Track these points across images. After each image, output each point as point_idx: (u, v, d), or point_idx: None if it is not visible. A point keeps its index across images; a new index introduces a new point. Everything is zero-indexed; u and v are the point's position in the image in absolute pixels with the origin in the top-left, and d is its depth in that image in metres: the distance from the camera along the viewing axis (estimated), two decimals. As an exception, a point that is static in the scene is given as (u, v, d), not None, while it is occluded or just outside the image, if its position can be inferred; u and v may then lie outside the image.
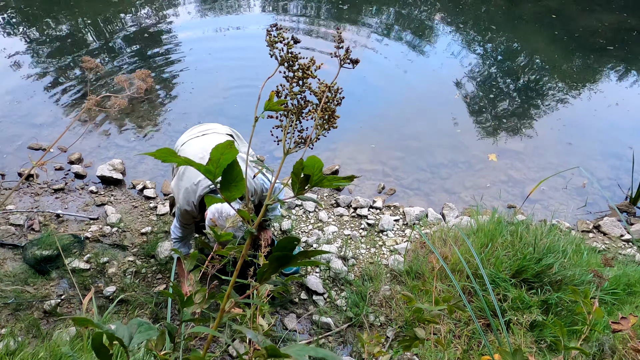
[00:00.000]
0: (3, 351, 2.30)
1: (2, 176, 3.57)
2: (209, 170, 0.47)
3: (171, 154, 0.47)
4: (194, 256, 1.07)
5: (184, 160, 0.47)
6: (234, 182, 0.47)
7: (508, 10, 6.83)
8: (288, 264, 0.50)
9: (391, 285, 2.78)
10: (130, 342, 0.39)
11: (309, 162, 0.46)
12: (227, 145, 0.45)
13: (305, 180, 0.47)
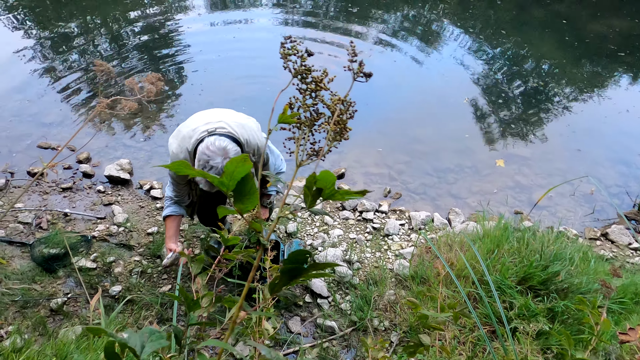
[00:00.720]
0: (10, 348, 2.32)
1: (12, 174, 3.61)
2: (222, 183, 0.48)
3: (186, 166, 0.47)
4: (200, 260, 1.07)
5: (198, 173, 0.48)
6: (247, 195, 0.48)
7: (517, 15, 6.81)
8: (300, 277, 0.50)
9: (396, 290, 2.77)
10: (142, 351, 0.40)
11: (322, 176, 0.46)
12: (241, 159, 0.46)
13: (318, 194, 0.47)
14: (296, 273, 0.49)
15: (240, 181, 0.47)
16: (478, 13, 6.86)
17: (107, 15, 6.39)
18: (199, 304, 0.93)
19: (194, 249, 3.02)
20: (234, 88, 4.79)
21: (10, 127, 4.10)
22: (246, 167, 0.47)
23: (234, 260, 1.11)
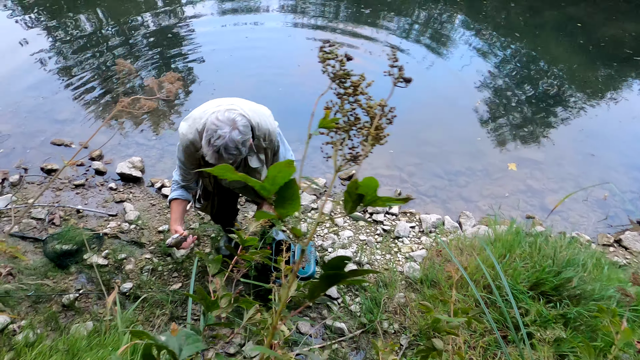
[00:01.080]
0: (22, 343, 2.34)
1: (25, 170, 3.64)
2: (264, 187, 0.48)
3: (229, 170, 0.47)
4: (217, 260, 1.07)
5: (241, 177, 0.48)
6: (289, 200, 0.48)
7: (530, 18, 6.75)
8: (340, 282, 0.50)
9: (406, 293, 2.76)
10: (181, 354, 0.40)
11: (366, 182, 0.46)
12: (286, 164, 0.45)
13: (359, 200, 0.47)
14: (336, 279, 0.48)
15: (283, 186, 0.47)
16: (491, 15, 6.81)
17: (119, 16, 6.44)
18: (217, 304, 0.93)
19: (204, 247, 3.03)
20: (246, 87, 4.80)
21: (25, 124, 4.14)
22: (290, 171, 0.47)
23: (251, 261, 1.11)
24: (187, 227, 3.17)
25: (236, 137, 1.72)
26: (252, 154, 2.03)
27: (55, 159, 3.78)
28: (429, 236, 3.21)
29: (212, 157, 1.74)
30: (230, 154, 1.72)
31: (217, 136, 1.69)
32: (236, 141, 1.72)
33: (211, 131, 1.72)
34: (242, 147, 1.77)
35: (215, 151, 1.71)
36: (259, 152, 2.06)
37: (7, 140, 3.92)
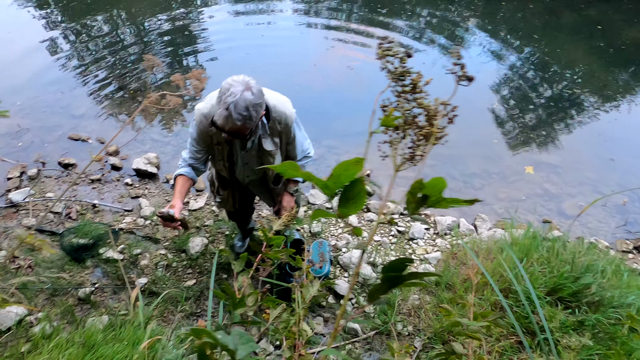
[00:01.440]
0: (40, 334, 2.37)
1: (43, 164, 3.69)
2: (326, 186, 0.47)
3: (294, 168, 0.46)
4: (243, 258, 1.07)
5: (306, 175, 0.47)
6: (352, 200, 0.47)
7: (549, 20, 6.66)
8: (399, 284, 0.49)
9: (420, 295, 2.74)
10: (237, 353, 0.39)
11: (433, 182, 0.45)
12: (354, 162, 0.44)
13: (423, 201, 0.46)
14: (396, 281, 0.47)
15: (349, 184, 0.46)
16: (508, 17, 6.73)
17: (134, 15, 6.49)
18: (244, 303, 0.93)
19: (218, 244, 3.04)
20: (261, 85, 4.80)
21: (44, 118, 4.20)
22: (356, 169, 0.46)
23: (276, 259, 1.10)
24: (202, 225, 3.18)
25: (248, 96, 1.65)
26: (266, 135, 1.97)
27: (73, 153, 3.82)
28: (444, 238, 3.18)
29: (221, 116, 1.65)
30: (240, 114, 1.63)
31: (229, 93, 1.64)
32: (248, 101, 1.64)
33: (224, 89, 1.67)
34: (252, 110, 1.67)
35: (225, 108, 1.63)
36: (274, 135, 2.00)
37: (26, 134, 3.97)
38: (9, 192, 3.35)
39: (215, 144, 2.01)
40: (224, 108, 1.64)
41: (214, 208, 3.32)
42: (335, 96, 4.83)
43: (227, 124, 1.67)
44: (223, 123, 1.67)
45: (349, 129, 4.32)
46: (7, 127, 3.97)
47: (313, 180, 0.48)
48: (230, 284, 0.93)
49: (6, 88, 4.60)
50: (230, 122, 1.66)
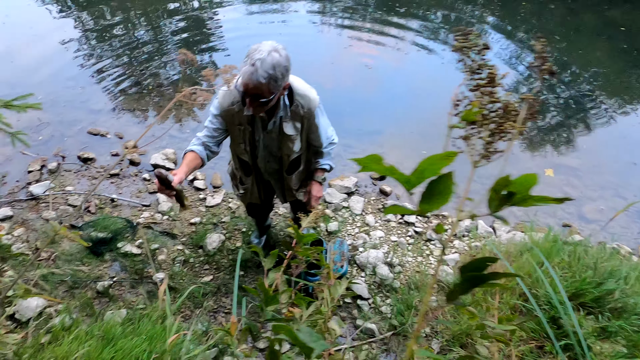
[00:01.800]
0: (59, 326, 2.39)
1: (63, 158, 3.73)
2: (408, 180, 0.46)
3: (374, 161, 0.45)
4: (274, 255, 1.06)
5: (389, 169, 0.46)
6: (438, 195, 0.45)
7: (570, 21, 6.55)
8: (481, 285, 0.48)
9: (438, 297, 2.71)
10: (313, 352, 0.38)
11: (522, 179, 0.43)
12: (443, 156, 0.43)
13: (507, 198, 0.44)
14: (477, 281, 0.46)
15: (436, 179, 0.45)
16: (529, 17, 6.64)
17: (150, 14, 6.54)
18: (277, 300, 0.92)
19: (235, 241, 3.04)
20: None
21: (63, 113, 4.24)
22: (444, 164, 0.45)
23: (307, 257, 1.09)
24: (219, 221, 3.18)
25: (276, 57, 1.61)
26: (287, 119, 1.92)
27: (92, 148, 3.85)
28: (462, 240, 3.14)
29: (246, 72, 1.59)
30: (266, 72, 1.58)
31: (256, 52, 1.61)
32: (275, 60, 1.60)
33: (251, 50, 1.64)
34: (278, 71, 1.62)
35: (251, 64, 1.58)
36: (295, 119, 1.94)
37: (47, 128, 4.02)
38: (30, 184, 3.39)
39: (237, 124, 1.95)
40: (250, 64, 1.58)
41: (231, 205, 3.33)
42: (352, 95, 4.81)
43: (252, 81, 1.59)
44: (247, 80, 1.60)
45: (365, 127, 4.30)
46: (28, 121, 4.02)
47: (395, 175, 0.47)
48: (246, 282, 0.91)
49: (28, 83, 4.67)
50: (255, 79, 1.58)
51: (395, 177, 0.47)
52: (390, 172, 0.46)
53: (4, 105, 1.12)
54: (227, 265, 2.87)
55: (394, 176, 0.47)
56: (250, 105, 1.70)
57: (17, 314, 2.48)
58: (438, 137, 4.26)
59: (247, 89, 1.64)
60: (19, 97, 1.15)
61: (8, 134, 1.14)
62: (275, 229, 3.12)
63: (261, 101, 1.68)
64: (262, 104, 1.71)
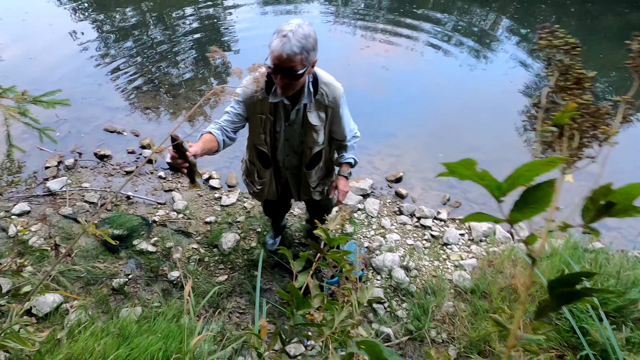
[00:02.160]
0: (75, 323, 2.40)
1: (80, 155, 3.75)
2: (499, 187, 0.43)
3: (466, 165, 0.43)
4: (303, 257, 1.04)
5: (481, 174, 0.43)
6: (533, 204, 0.43)
7: (592, 24, 6.45)
8: (572, 301, 0.45)
9: (455, 302, 2.66)
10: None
11: (627, 189, 0.40)
12: (546, 162, 0.40)
13: (606, 208, 0.42)
14: (570, 297, 0.43)
15: (535, 186, 0.42)
16: (548, 20, 6.55)
17: (165, 15, 6.58)
18: (309, 304, 0.89)
19: (250, 241, 3.03)
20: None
21: (81, 109, 4.27)
22: (544, 169, 0.43)
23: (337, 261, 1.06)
24: (234, 220, 3.18)
25: (306, 29, 1.61)
26: (312, 108, 1.90)
27: (108, 145, 3.87)
28: (479, 245, 3.09)
29: (277, 44, 1.58)
30: (298, 41, 1.57)
31: (285, 25, 1.61)
32: (306, 32, 1.60)
33: (279, 28, 1.63)
34: (309, 43, 1.61)
35: (282, 36, 1.57)
36: (320, 108, 1.92)
37: (64, 125, 4.05)
38: (47, 180, 3.42)
39: (259, 113, 1.92)
40: (281, 36, 1.57)
41: (246, 204, 3.32)
42: (368, 96, 4.78)
43: (285, 51, 1.57)
44: (280, 50, 1.57)
45: (381, 129, 4.27)
46: (46, 117, 4.05)
47: (485, 181, 0.44)
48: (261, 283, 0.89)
49: (46, 79, 4.71)
50: (288, 49, 1.56)
51: (485, 183, 0.44)
52: (481, 178, 0.43)
53: (33, 100, 1.12)
54: (242, 265, 2.86)
55: (484, 182, 0.44)
56: (282, 81, 1.67)
57: (34, 309, 2.49)
58: (455, 140, 4.22)
59: (280, 61, 1.60)
60: (47, 93, 1.15)
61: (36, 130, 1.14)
62: (291, 229, 3.10)
63: (293, 75, 1.64)
64: (293, 79, 1.67)
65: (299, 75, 1.65)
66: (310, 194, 2.29)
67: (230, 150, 3.90)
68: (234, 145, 3.94)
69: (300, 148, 2.07)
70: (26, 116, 1.16)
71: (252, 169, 2.26)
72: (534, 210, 0.43)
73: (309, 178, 2.19)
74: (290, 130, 1.99)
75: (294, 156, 2.13)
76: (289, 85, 1.70)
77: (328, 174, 2.31)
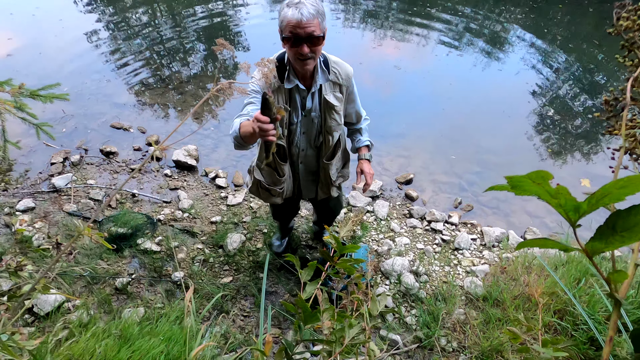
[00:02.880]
0: (77, 322, 2.35)
1: (86, 151, 3.71)
2: (577, 208, 0.36)
3: (540, 180, 0.36)
4: (312, 266, 0.97)
5: (554, 192, 0.36)
6: (625, 232, 0.35)
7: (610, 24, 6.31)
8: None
9: (466, 310, 2.58)
10: None
11: None
12: (632, 179, 0.33)
13: None
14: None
15: (628, 209, 0.34)
16: (566, 21, 6.41)
17: (174, 11, 6.54)
18: (317, 317, 0.82)
19: (255, 242, 2.96)
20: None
21: (88, 105, 4.24)
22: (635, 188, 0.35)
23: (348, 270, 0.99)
24: (240, 220, 3.12)
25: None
26: (328, 88, 1.86)
27: (114, 141, 3.83)
28: (492, 251, 3.00)
29: (294, 14, 1.57)
30: (313, 6, 1.58)
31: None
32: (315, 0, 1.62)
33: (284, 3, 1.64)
34: (320, 7, 1.62)
35: (295, 3, 1.58)
36: (335, 89, 1.89)
37: (70, 120, 4.02)
38: (52, 177, 3.38)
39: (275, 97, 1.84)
40: (294, 5, 1.58)
41: (252, 204, 3.25)
42: (380, 95, 4.70)
43: (304, 15, 1.56)
44: (299, 16, 1.56)
45: (390, 129, 4.18)
46: (53, 113, 4.02)
47: (560, 198, 0.36)
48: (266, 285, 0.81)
49: (55, 74, 4.69)
50: (307, 12, 1.56)
51: (556, 202, 0.37)
52: (553, 196, 0.36)
53: (30, 94, 1.05)
54: (247, 266, 2.79)
55: (555, 202, 0.37)
56: (304, 46, 1.63)
57: (35, 307, 2.45)
58: (467, 142, 4.12)
59: (301, 27, 1.59)
60: (45, 87, 1.09)
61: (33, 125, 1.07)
62: (298, 231, 3.03)
63: (315, 39, 1.62)
64: (316, 44, 1.65)
65: (320, 40, 1.65)
66: (330, 190, 2.23)
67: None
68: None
69: (319, 139, 2.01)
70: (23, 111, 1.10)
71: (270, 171, 2.09)
72: (625, 239, 0.35)
73: (330, 170, 2.11)
74: (307, 121, 1.93)
75: (311, 150, 2.06)
76: (311, 56, 1.67)
77: (344, 165, 2.26)
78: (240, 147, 1.74)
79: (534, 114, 4.56)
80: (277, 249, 2.83)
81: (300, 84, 1.80)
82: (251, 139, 1.54)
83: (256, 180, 2.15)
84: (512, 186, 0.38)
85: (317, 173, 2.17)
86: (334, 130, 1.97)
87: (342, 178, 2.27)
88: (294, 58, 1.70)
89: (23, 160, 3.54)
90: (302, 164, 2.12)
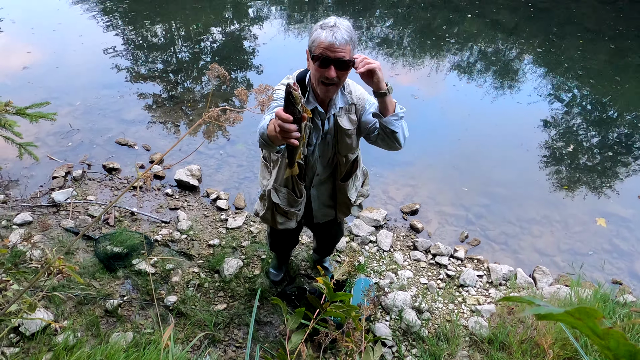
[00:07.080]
0: (62, 345, 2.26)
1: (89, 166, 3.69)
2: (633, 356, 0.28)
3: (585, 317, 0.28)
4: (299, 313, 0.88)
5: (596, 333, 0.29)
6: None
7: (632, 61, 6.26)
8: None
9: (470, 352, 2.44)
10: None
11: None
12: None
13: None
14: None
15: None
16: (587, 57, 6.37)
17: (188, 29, 6.64)
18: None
19: (253, 268, 2.87)
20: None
21: (95, 120, 4.25)
22: None
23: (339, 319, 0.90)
24: (239, 245, 3.03)
25: (348, 22, 1.59)
26: (342, 114, 1.80)
27: (118, 158, 3.81)
28: (499, 289, 2.87)
29: (327, 36, 1.54)
30: (346, 31, 1.55)
31: (328, 19, 1.59)
32: (349, 25, 1.59)
33: (317, 25, 1.61)
34: (353, 34, 1.59)
35: (330, 26, 1.55)
36: (350, 112, 1.82)
37: (77, 135, 4.02)
38: (53, 191, 3.34)
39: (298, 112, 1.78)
40: (328, 27, 1.55)
41: (252, 228, 3.17)
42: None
43: (337, 39, 1.53)
44: (332, 39, 1.53)
45: (397, 157, 4.10)
46: (59, 127, 4.03)
47: (610, 341, 0.29)
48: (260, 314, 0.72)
49: (67, 88, 4.73)
50: (340, 37, 1.53)
51: (602, 344, 0.29)
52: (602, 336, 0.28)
53: (17, 112, 1.00)
54: (242, 293, 2.69)
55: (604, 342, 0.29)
56: (332, 70, 1.58)
57: (21, 327, 2.36)
58: (476, 173, 4.03)
59: (332, 50, 1.55)
60: (33, 105, 1.03)
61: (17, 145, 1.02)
62: (297, 258, 2.93)
63: (344, 64, 1.58)
64: (344, 69, 1.61)
65: (349, 66, 1.60)
66: (350, 209, 2.16)
67: (241, 171, 3.79)
68: (244, 167, 3.82)
69: (334, 162, 1.95)
70: (8, 129, 1.04)
71: (288, 192, 2.00)
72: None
73: (348, 191, 2.05)
74: (324, 144, 1.86)
75: (326, 173, 2.00)
76: (336, 81, 1.63)
77: (363, 183, 2.21)
78: (266, 147, 1.66)
79: (546, 148, 4.46)
80: (275, 277, 2.73)
81: (319, 106, 1.76)
82: (277, 139, 1.37)
83: (271, 205, 2.04)
84: (540, 318, 0.30)
85: (333, 196, 2.10)
86: (347, 153, 1.92)
87: (362, 197, 2.22)
88: (317, 81, 1.65)
89: (25, 172, 3.52)
90: (314, 187, 2.05)
